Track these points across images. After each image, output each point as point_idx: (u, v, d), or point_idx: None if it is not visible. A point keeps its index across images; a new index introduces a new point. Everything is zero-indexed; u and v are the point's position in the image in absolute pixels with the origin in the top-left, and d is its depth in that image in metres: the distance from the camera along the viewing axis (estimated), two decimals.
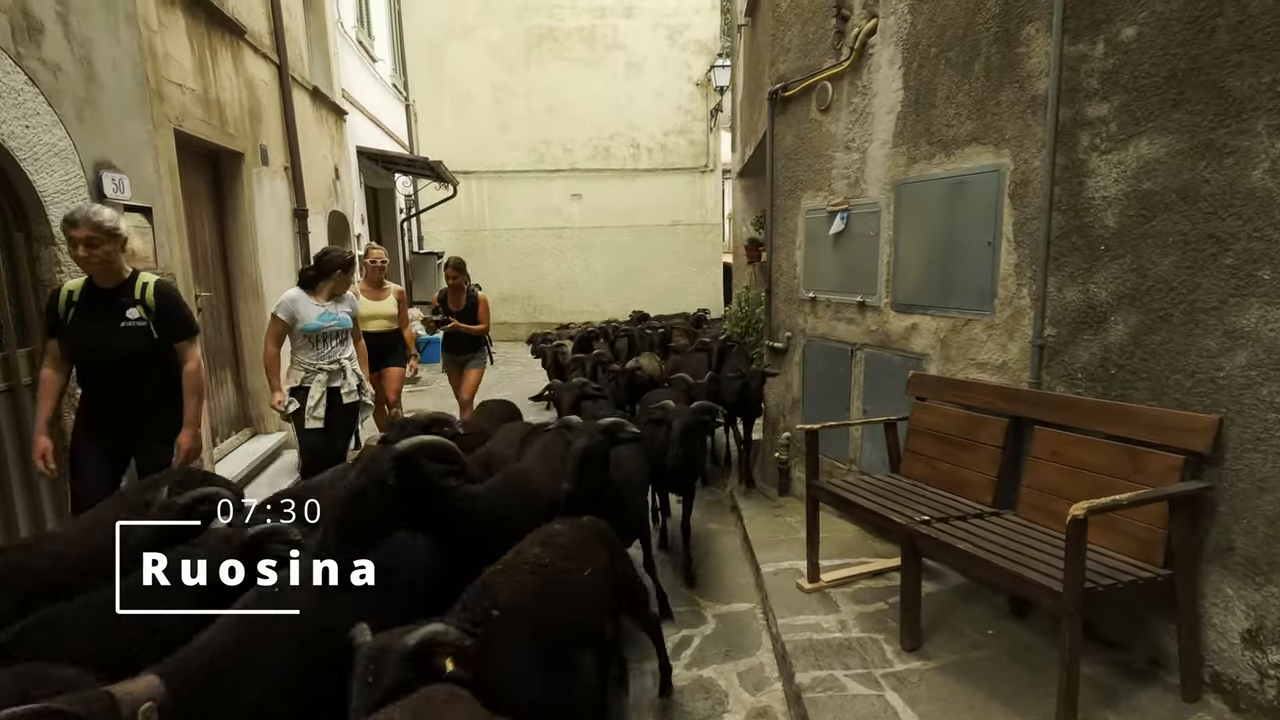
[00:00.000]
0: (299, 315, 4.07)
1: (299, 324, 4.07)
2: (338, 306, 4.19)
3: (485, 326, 5.98)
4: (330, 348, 4.14)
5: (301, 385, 4.07)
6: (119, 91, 4.05)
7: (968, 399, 3.19)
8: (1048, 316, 2.86)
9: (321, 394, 4.05)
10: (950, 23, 3.25)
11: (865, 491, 3.18)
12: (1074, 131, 2.71)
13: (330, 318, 4.13)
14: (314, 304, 4.14)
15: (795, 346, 4.69)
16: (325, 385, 4.08)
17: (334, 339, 4.15)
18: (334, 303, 4.18)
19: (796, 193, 4.55)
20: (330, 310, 4.15)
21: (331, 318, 4.14)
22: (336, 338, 4.16)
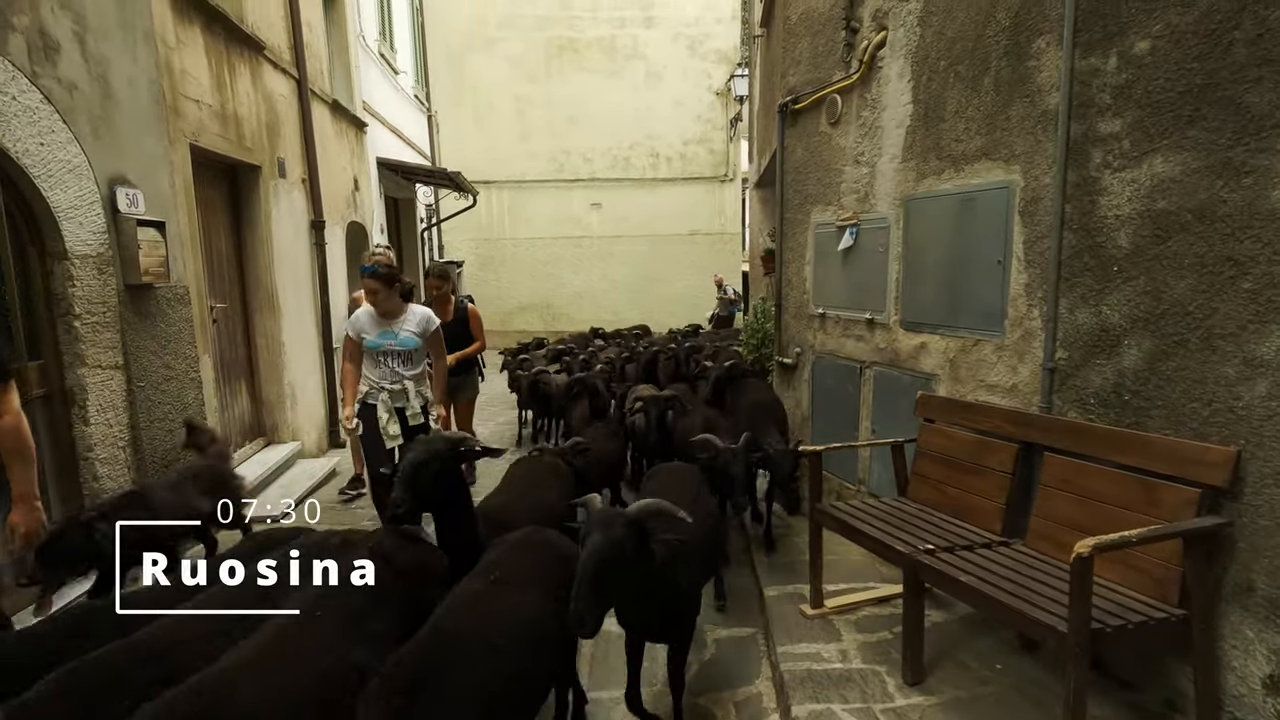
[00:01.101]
0: (363, 331, 3.92)
1: (364, 340, 3.92)
2: (399, 325, 3.92)
3: (481, 344, 5.34)
4: (390, 367, 3.91)
5: (365, 401, 3.93)
6: (135, 108, 4.13)
7: (977, 422, 3.09)
8: (1059, 339, 2.75)
9: (390, 413, 3.89)
10: (959, 36, 3.17)
11: (869, 517, 3.09)
12: (1086, 148, 2.61)
13: (390, 336, 3.89)
14: (375, 321, 3.95)
15: (805, 363, 4.60)
16: (390, 405, 3.88)
17: (395, 358, 3.90)
18: (394, 321, 3.92)
19: (806, 206, 4.48)
20: (390, 329, 3.90)
21: (391, 336, 3.89)
22: (398, 357, 3.91)
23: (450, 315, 5.18)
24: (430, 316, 4.00)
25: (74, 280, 3.60)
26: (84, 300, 3.66)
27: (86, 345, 3.67)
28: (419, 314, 3.97)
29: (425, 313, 3.98)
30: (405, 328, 3.92)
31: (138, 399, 4.00)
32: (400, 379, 3.91)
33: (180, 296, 4.51)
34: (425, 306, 3.98)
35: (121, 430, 3.90)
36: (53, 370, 3.61)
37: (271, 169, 6.17)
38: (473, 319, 5.31)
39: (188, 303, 4.59)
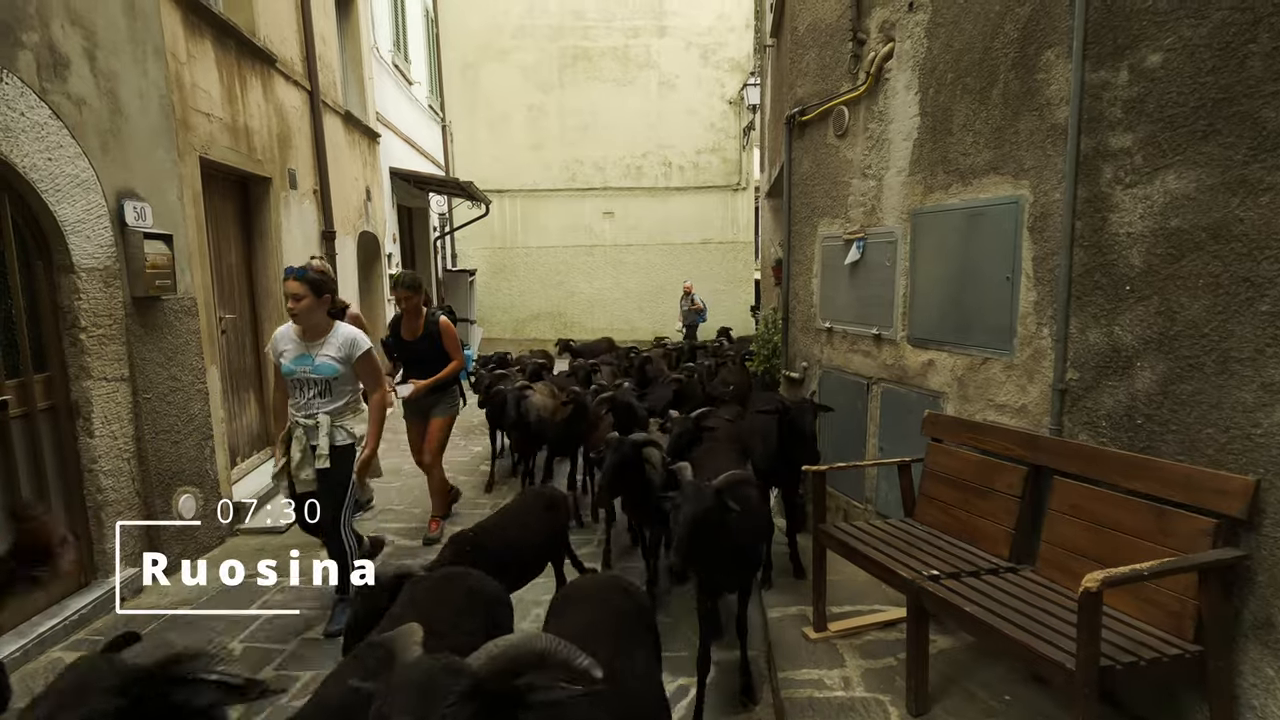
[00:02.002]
0: (281, 352, 3.41)
1: (280, 363, 3.42)
2: (319, 348, 3.31)
3: (459, 364, 4.66)
4: (305, 397, 3.36)
5: (288, 435, 3.45)
6: (144, 122, 4.17)
7: (985, 443, 3.00)
8: (1069, 359, 2.67)
9: (303, 452, 3.35)
10: (967, 48, 3.10)
11: (874, 540, 3.01)
12: (1096, 163, 2.53)
13: (305, 361, 3.32)
14: (295, 341, 3.36)
15: (811, 377, 4.53)
16: (305, 441, 3.35)
17: (310, 387, 3.34)
18: (314, 342, 3.33)
19: (813, 219, 4.42)
20: (308, 352, 3.32)
21: (306, 361, 3.31)
22: (314, 386, 3.33)
23: (420, 330, 4.62)
24: (357, 339, 3.37)
25: (80, 293, 3.63)
26: (90, 313, 3.69)
27: (92, 358, 3.70)
28: (344, 336, 3.35)
29: (351, 335, 3.37)
30: (325, 352, 3.30)
31: (143, 411, 4.02)
32: (315, 412, 3.34)
33: (188, 308, 4.53)
34: (353, 326, 3.42)
35: (127, 442, 3.92)
36: (58, 383, 3.63)
37: (282, 180, 6.22)
38: (446, 334, 4.61)
39: (195, 314, 4.62)
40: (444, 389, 4.68)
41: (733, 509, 2.39)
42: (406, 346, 4.66)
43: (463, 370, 4.82)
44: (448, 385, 4.69)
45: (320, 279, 3.30)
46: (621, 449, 3.20)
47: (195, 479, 4.56)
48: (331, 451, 3.34)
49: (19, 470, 3.41)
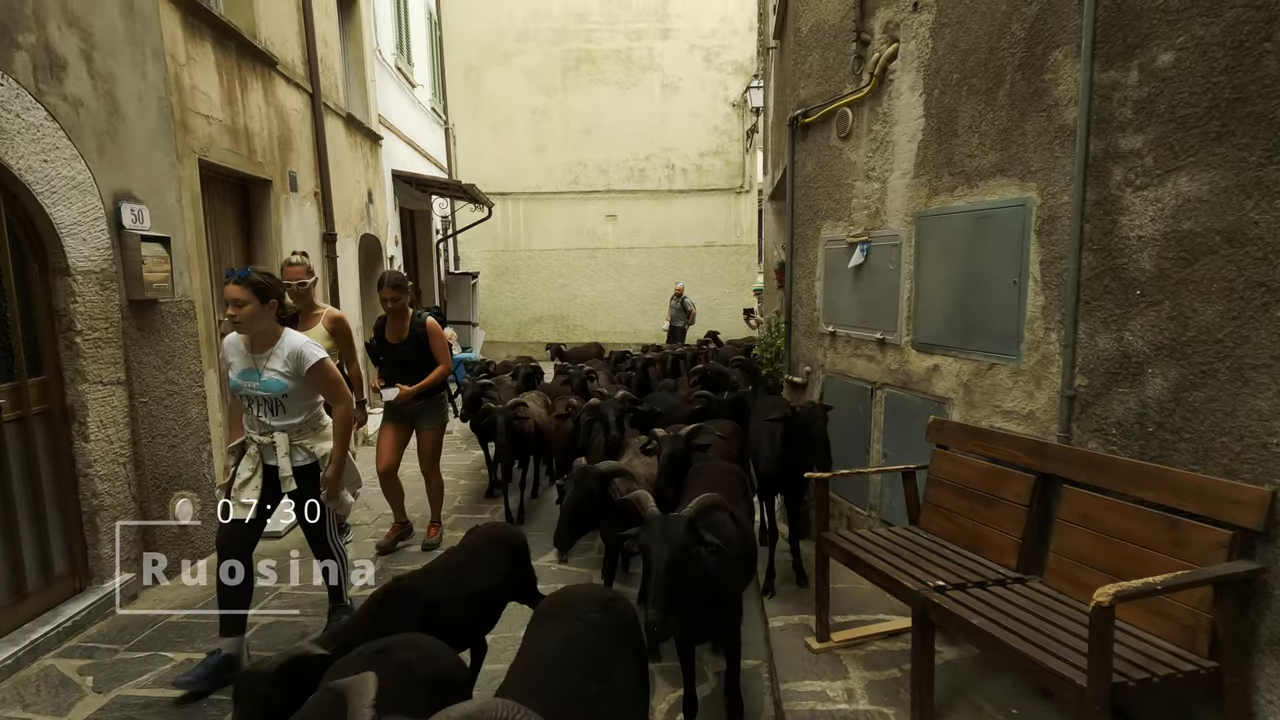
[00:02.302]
0: (229, 365, 3.12)
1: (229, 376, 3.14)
2: (265, 361, 2.98)
3: (446, 368, 4.44)
4: (255, 415, 3.07)
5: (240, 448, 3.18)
6: (142, 124, 4.15)
7: (992, 450, 2.94)
8: (1078, 365, 2.61)
9: (254, 470, 3.06)
10: (973, 48, 3.05)
11: (878, 549, 2.95)
12: (1106, 165, 2.48)
13: (251, 376, 3.00)
14: (242, 353, 3.05)
15: (814, 382, 4.47)
16: (258, 460, 3.07)
17: (260, 404, 3.04)
18: (261, 354, 2.99)
19: (816, 222, 4.37)
20: (254, 367, 3.00)
21: (252, 376, 2.99)
22: (263, 404, 3.03)
23: (405, 332, 4.39)
24: (304, 352, 2.98)
25: (76, 296, 3.60)
26: (86, 316, 3.65)
27: (88, 361, 3.66)
28: (290, 348, 2.98)
29: (298, 347, 2.99)
30: (271, 366, 2.97)
31: (140, 415, 3.99)
32: (269, 430, 3.05)
33: (185, 311, 4.50)
34: (303, 335, 3.11)
35: (123, 447, 3.88)
36: (54, 386, 3.60)
37: (283, 183, 6.19)
38: (433, 337, 4.39)
39: (193, 317, 4.59)
40: (430, 395, 4.48)
41: (709, 543, 2.04)
42: (391, 349, 4.43)
43: (450, 375, 4.69)
44: (434, 391, 4.50)
45: (265, 282, 2.95)
46: (585, 484, 2.78)
47: (193, 483, 4.52)
48: (294, 473, 3.07)
49: (12, 475, 3.37)
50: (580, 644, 1.85)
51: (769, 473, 3.75)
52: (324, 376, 3.06)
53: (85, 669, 3.20)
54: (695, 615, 2.30)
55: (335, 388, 3.12)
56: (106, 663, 3.25)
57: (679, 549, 1.98)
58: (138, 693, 3.03)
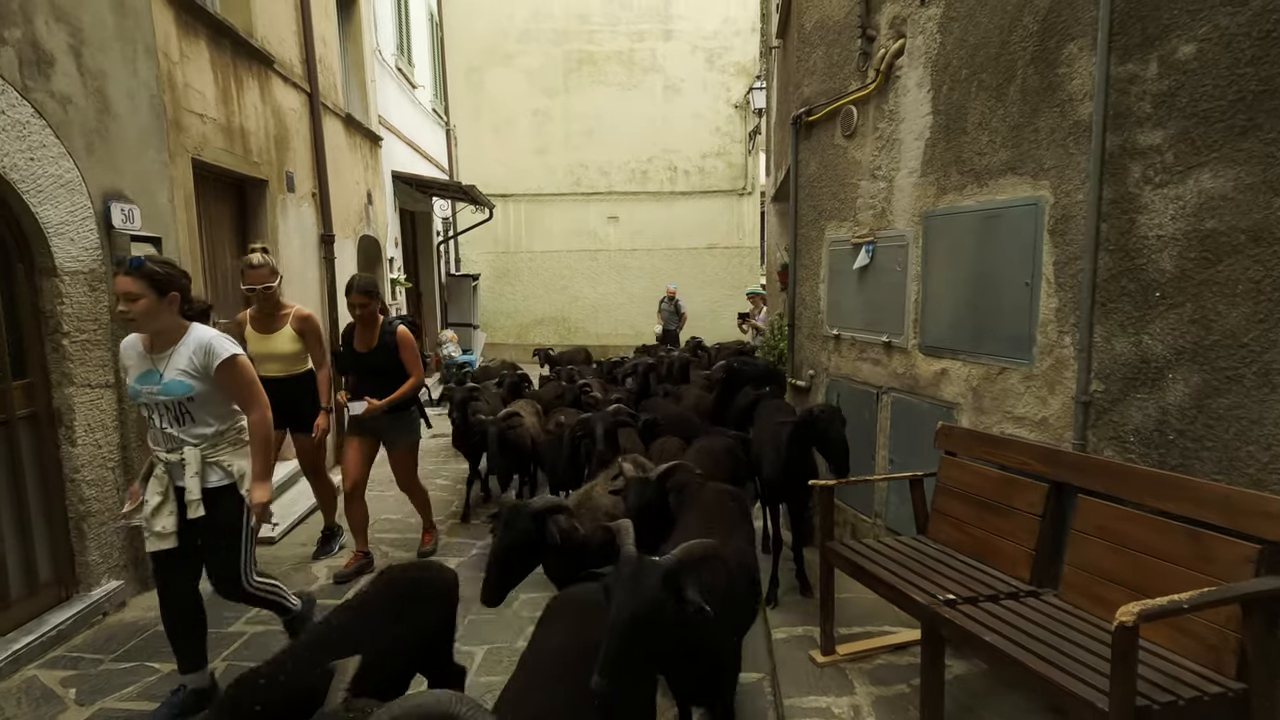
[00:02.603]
0: (126, 369, 2.69)
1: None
2: (166, 362, 2.57)
3: (418, 379, 4.14)
4: (159, 426, 2.63)
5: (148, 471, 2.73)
6: (134, 122, 4.07)
7: (1003, 457, 2.84)
8: (1094, 369, 2.51)
9: (164, 495, 2.63)
10: (983, 42, 2.96)
11: (885, 559, 2.85)
12: (1123, 162, 2.38)
13: (151, 379, 2.57)
14: (139, 354, 2.64)
15: (818, 386, 4.38)
16: (166, 483, 2.65)
17: (162, 413, 2.60)
18: (161, 354, 2.58)
19: (820, 222, 4.28)
20: (154, 368, 2.58)
21: (152, 379, 2.57)
22: (166, 412, 2.60)
23: (375, 341, 4.08)
24: (214, 345, 2.60)
25: (63, 297, 3.51)
26: (73, 318, 3.57)
27: (75, 364, 3.58)
28: (197, 341, 2.59)
29: (206, 340, 2.60)
30: (175, 365, 2.56)
31: (129, 419, 3.90)
32: (177, 445, 2.62)
33: None
34: (213, 329, 2.70)
35: (111, 451, 3.80)
36: (39, 389, 3.52)
37: (279, 183, 6.12)
38: (404, 346, 4.08)
39: None
40: (401, 409, 4.16)
41: (692, 605, 1.62)
42: (360, 359, 4.13)
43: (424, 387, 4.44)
44: (406, 405, 4.18)
45: (163, 272, 2.54)
46: (517, 524, 2.36)
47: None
48: (205, 496, 2.62)
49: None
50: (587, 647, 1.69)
51: (774, 479, 3.64)
52: (237, 376, 2.64)
53: (69, 680, 3.11)
54: (678, 676, 2.04)
55: (249, 390, 2.70)
56: (91, 674, 3.16)
57: (646, 606, 1.57)
58: (122, 705, 2.94)
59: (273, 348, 4.03)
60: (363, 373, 4.14)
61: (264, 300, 3.96)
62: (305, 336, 4.06)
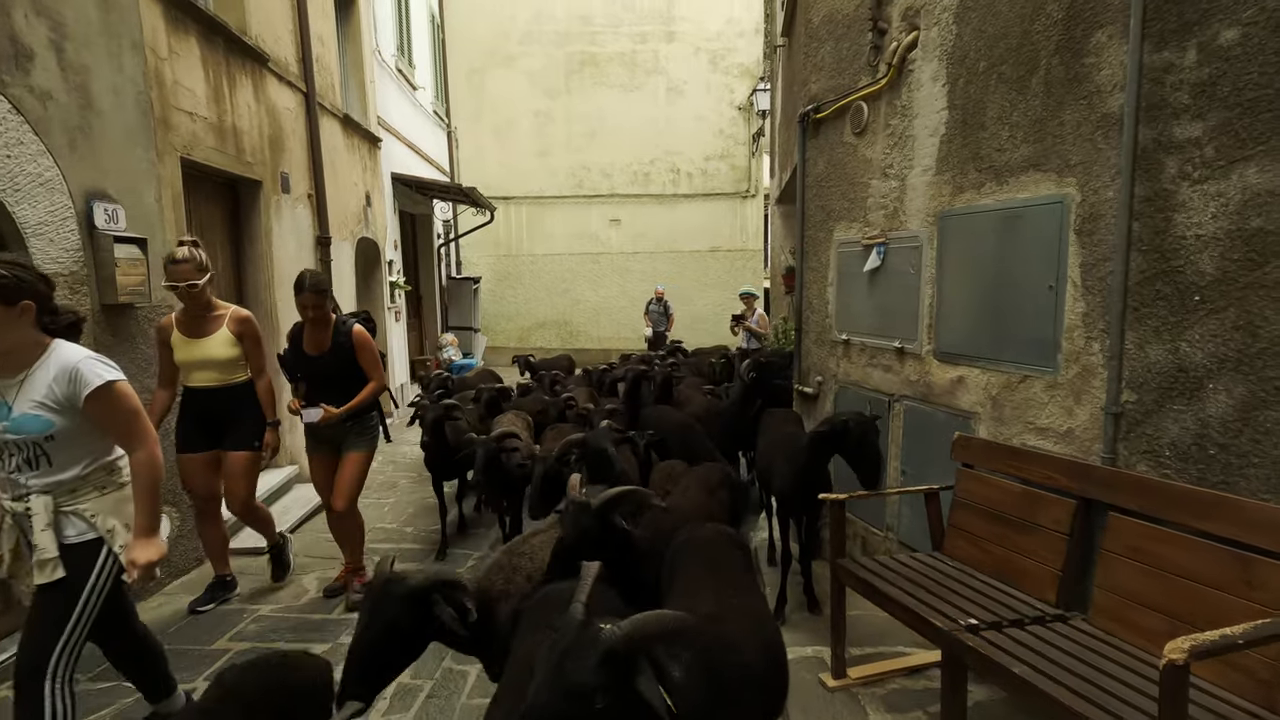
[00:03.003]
0: None
1: None
2: (15, 391, 2.05)
3: (378, 384, 3.77)
4: (8, 470, 2.13)
5: None
6: (119, 120, 3.94)
7: (1025, 471, 2.68)
8: (1125, 378, 2.36)
9: (12, 553, 2.20)
10: (1003, 33, 2.81)
11: (900, 579, 2.69)
12: (1157, 156, 2.23)
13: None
14: None
15: (827, 393, 4.22)
16: (16, 535, 2.18)
17: (11, 454, 2.10)
18: (10, 381, 2.06)
19: (829, 224, 4.12)
20: (3, 398, 2.06)
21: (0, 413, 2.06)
22: (17, 453, 2.09)
23: (327, 343, 3.69)
24: (83, 369, 2.07)
25: None
26: None
27: None
28: (60, 364, 2.07)
29: (73, 363, 2.07)
30: (28, 395, 2.04)
31: None
32: (24, 492, 2.11)
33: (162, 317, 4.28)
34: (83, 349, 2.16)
35: None
36: None
37: (274, 184, 5.99)
38: (361, 349, 3.71)
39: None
40: (360, 416, 3.78)
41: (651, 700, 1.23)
42: (310, 363, 3.74)
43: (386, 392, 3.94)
44: (365, 411, 3.80)
45: (9, 276, 1.99)
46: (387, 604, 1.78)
47: (170, 498, 4.29)
48: (62, 553, 2.11)
49: None
50: None
51: (790, 493, 3.47)
52: (114, 407, 2.11)
53: None
54: None
55: (131, 423, 2.15)
56: None
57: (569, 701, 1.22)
58: None
59: (204, 353, 3.54)
60: (312, 378, 3.76)
61: (190, 300, 3.46)
62: (244, 340, 3.60)
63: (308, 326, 3.75)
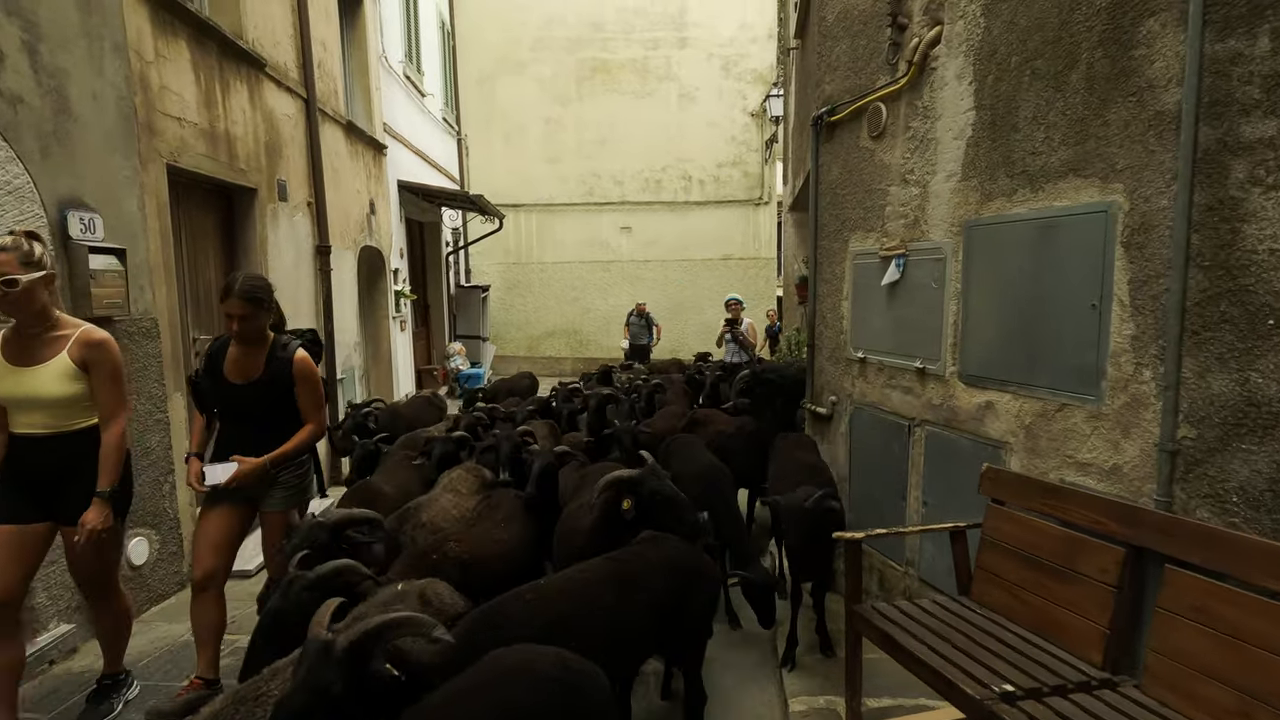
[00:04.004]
0: None
1: None
2: None
3: (317, 428, 2.98)
4: None
5: None
6: (98, 125, 3.77)
7: (1065, 511, 2.40)
8: (1183, 411, 2.07)
9: None
10: (1038, 23, 2.54)
11: (923, 629, 2.41)
12: (1222, 159, 1.95)
13: None
14: None
15: (841, 414, 3.94)
16: None
17: None
18: None
19: (844, 233, 3.86)
20: None
21: None
22: None
23: (259, 369, 2.87)
24: None
25: None
26: None
27: None
28: None
29: None
30: None
31: None
32: None
33: (146, 330, 4.11)
34: None
35: None
36: None
37: (270, 192, 5.83)
38: (303, 380, 2.91)
39: (156, 336, 4.19)
40: (293, 466, 2.98)
41: None
42: (231, 393, 2.89)
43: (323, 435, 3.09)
44: (295, 458, 2.96)
45: None
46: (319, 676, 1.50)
47: (151, 519, 4.10)
48: None
49: None
50: None
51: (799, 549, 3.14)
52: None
53: None
54: None
55: None
56: None
57: None
58: None
59: (32, 388, 2.54)
60: (234, 414, 2.93)
61: (15, 309, 2.46)
62: (93, 371, 2.60)
63: (234, 344, 2.90)
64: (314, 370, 2.98)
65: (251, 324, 2.83)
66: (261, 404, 2.89)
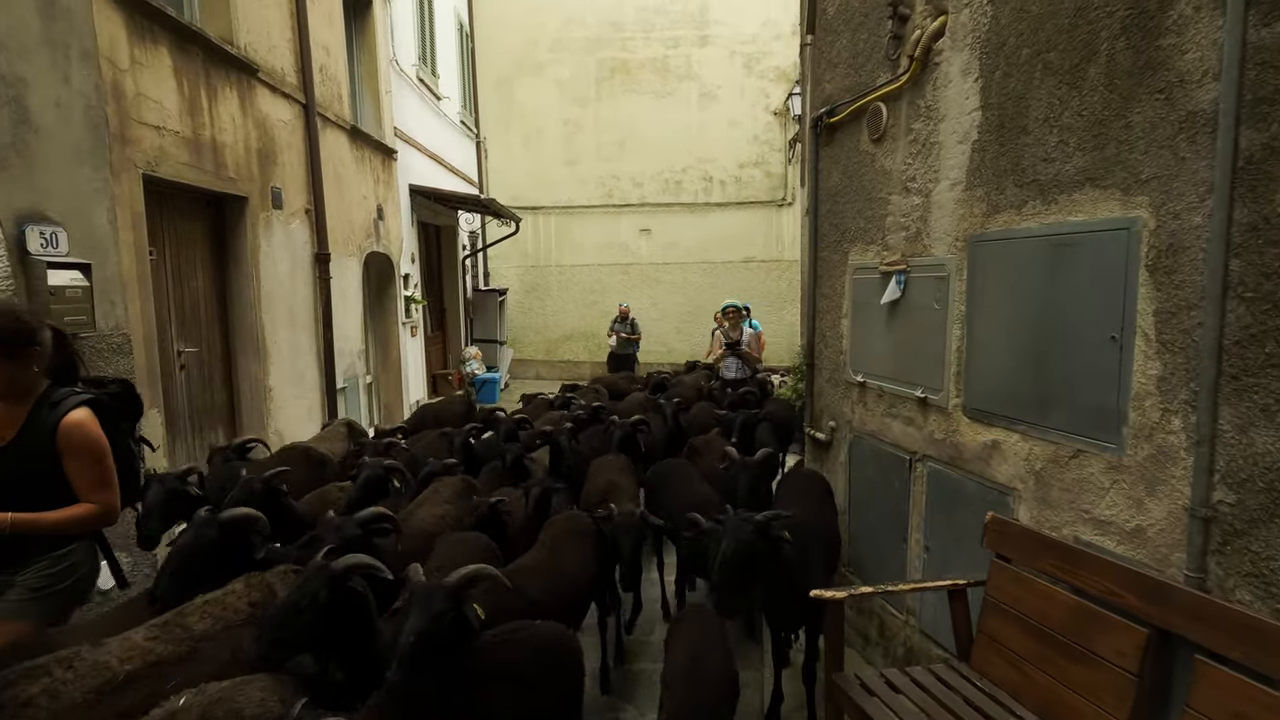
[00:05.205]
0: None
1: None
2: None
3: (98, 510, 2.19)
4: None
5: None
6: (63, 136, 3.65)
7: (1079, 577, 2.06)
8: (1220, 470, 1.73)
9: None
10: (1051, 12, 2.21)
11: (914, 709, 2.10)
12: (1267, 168, 1.61)
13: None
14: None
15: (841, 442, 3.62)
16: None
17: None
18: None
19: (844, 245, 3.54)
20: None
21: None
22: None
23: (11, 431, 2.11)
24: None
25: None
26: None
27: None
28: None
29: None
30: None
31: None
32: None
33: (118, 346, 3.98)
34: None
35: None
36: None
37: (264, 199, 5.71)
38: (72, 450, 2.13)
39: (129, 352, 4.07)
40: (39, 550, 2.17)
41: None
42: None
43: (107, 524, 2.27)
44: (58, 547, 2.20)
45: None
46: None
47: (120, 543, 3.96)
48: None
49: None
50: None
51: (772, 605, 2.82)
52: None
53: None
54: None
55: None
56: None
57: None
58: None
59: None
60: None
61: None
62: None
63: None
64: (91, 438, 2.16)
65: (14, 366, 2.09)
66: (9, 474, 2.09)
